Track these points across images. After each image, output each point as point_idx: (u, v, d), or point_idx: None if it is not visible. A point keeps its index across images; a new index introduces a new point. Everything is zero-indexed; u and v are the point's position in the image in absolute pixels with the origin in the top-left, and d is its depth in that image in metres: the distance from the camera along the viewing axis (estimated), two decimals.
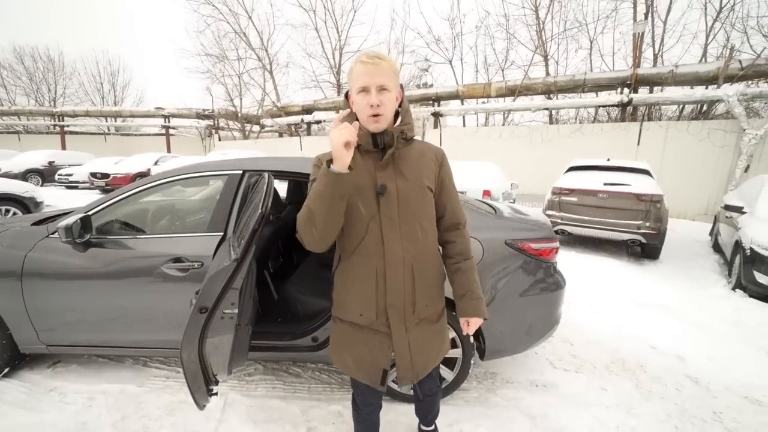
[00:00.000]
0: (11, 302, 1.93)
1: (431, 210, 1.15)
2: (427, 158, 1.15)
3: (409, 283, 1.11)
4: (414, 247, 1.10)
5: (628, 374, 2.36)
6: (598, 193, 5.35)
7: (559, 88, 10.62)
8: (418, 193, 1.10)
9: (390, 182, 1.07)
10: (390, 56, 1.08)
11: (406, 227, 1.09)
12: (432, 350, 1.21)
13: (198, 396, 1.36)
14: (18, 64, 24.94)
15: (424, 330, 1.17)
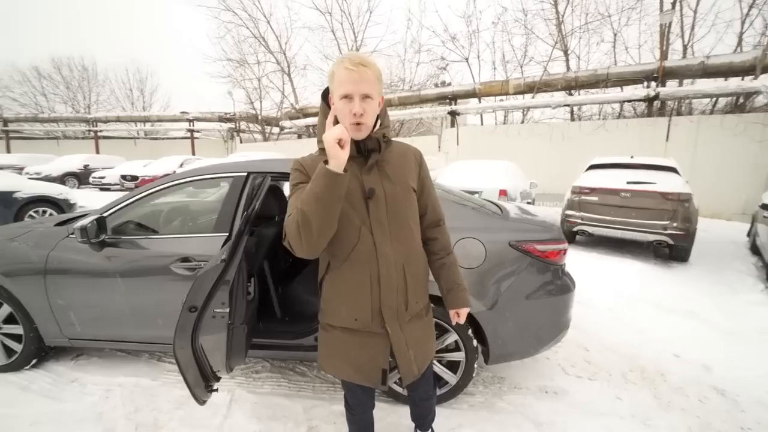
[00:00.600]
0: (37, 298, 2.05)
1: (416, 209, 1.18)
2: (408, 159, 1.17)
3: (402, 284, 1.12)
4: (404, 248, 1.12)
5: (647, 383, 2.24)
6: (620, 192, 5.14)
7: (581, 83, 10.27)
8: (404, 194, 1.12)
9: (377, 186, 1.08)
10: (373, 60, 1.04)
11: (395, 229, 1.10)
12: (427, 343, 1.24)
13: (197, 392, 1.39)
14: (56, 73, 26.54)
15: (416, 326, 1.19)
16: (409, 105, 13.77)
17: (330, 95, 1.09)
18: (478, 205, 2.17)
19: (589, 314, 3.25)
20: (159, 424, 1.80)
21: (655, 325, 3.04)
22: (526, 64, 13.32)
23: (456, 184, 6.51)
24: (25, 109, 25.17)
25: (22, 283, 2.04)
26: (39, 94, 26.55)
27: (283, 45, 17.79)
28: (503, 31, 13.64)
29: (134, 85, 27.84)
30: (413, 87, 15.86)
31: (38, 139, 22.31)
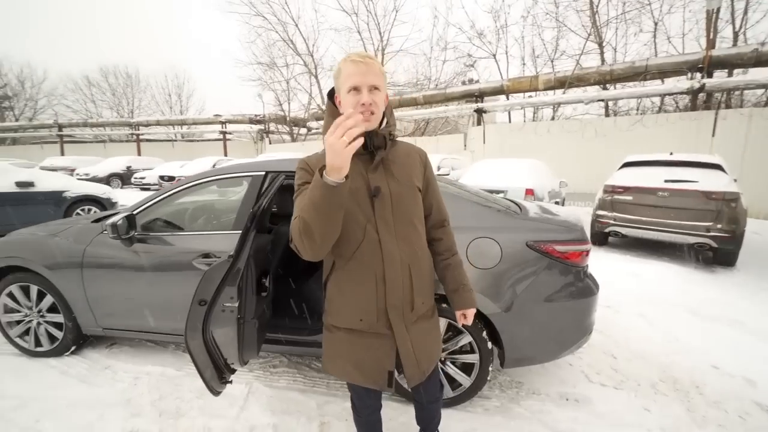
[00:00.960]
0: (75, 289, 2.21)
1: (421, 209, 1.17)
2: (413, 159, 1.17)
3: (407, 283, 1.10)
4: (409, 247, 1.11)
5: (680, 395, 2.09)
6: (657, 191, 4.83)
7: (616, 77, 9.73)
8: (410, 193, 1.12)
9: (383, 184, 1.07)
10: (374, 57, 1.06)
11: (400, 228, 1.09)
12: (433, 344, 1.22)
13: (212, 383, 1.44)
14: (104, 81, 28.58)
15: (421, 326, 1.17)
16: (434, 103, 13.63)
17: (336, 95, 1.09)
18: (495, 203, 2.11)
19: (618, 319, 3.08)
20: (181, 411, 1.89)
21: (692, 333, 2.83)
22: (557, 58, 12.83)
23: (480, 183, 6.37)
24: (76, 115, 27.33)
25: (63, 275, 2.20)
26: (89, 101, 28.77)
27: (311, 47, 18.16)
28: (533, 25, 13.18)
29: (172, 90, 29.51)
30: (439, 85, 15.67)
31: (87, 142, 24.10)
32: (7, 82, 28.42)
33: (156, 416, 1.85)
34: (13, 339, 2.37)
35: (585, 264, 1.90)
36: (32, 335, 2.35)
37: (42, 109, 28.75)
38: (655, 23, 11.72)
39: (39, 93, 29.06)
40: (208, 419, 1.83)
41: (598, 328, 2.90)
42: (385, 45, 16.62)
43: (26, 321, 2.35)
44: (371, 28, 16.78)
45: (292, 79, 19.00)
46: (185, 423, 1.81)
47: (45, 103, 28.92)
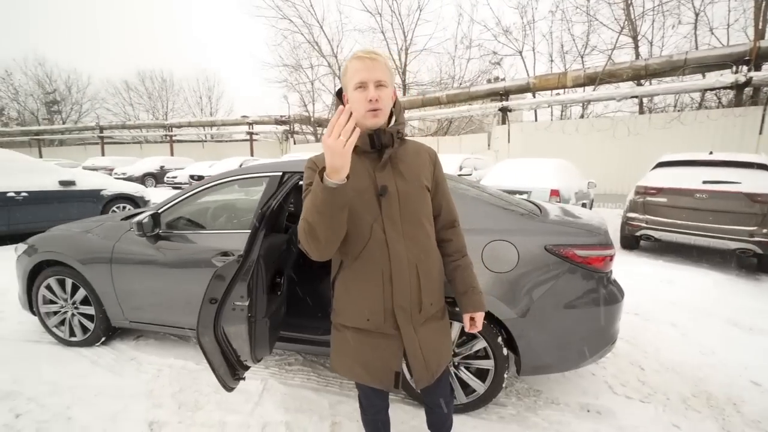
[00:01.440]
0: (105, 283, 2.33)
1: (429, 209, 1.15)
2: (422, 157, 1.15)
3: (415, 283, 1.09)
4: (417, 247, 1.09)
5: (714, 412, 1.95)
6: (694, 193, 4.53)
7: (652, 72, 9.21)
8: (418, 193, 1.10)
9: (390, 183, 1.05)
10: (383, 53, 1.05)
11: (408, 227, 1.08)
12: (442, 347, 1.19)
13: (225, 379, 1.48)
14: (141, 85, 30.15)
15: (430, 328, 1.15)
16: (458, 103, 13.44)
17: (344, 94, 1.09)
18: (514, 205, 2.04)
19: (648, 328, 2.91)
20: (198, 405, 1.95)
21: (731, 345, 2.64)
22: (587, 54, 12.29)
23: (503, 183, 6.22)
24: (116, 117, 28.99)
25: (94, 270, 2.33)
26: (127, 104, 30.46)
27: (335, 48, 18.37)
28: (562, 20, 12.70)
29: (203, 92, 30.71)
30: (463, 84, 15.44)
31: (126, 143, 25.51)
32: (57, 88, 30.58)
33: (176, 408, 1.92)
34: (51, 328, 2.53)
35: (609, 270, 1.80)
36: (67, 326, 2.50)
37: (86, 112, 30.75)
38: (696, 14, 10.97)
39: (83, 97, 31.11)
40: (224, 414, 1.87)
41: (625, 337, 2.76)
42: (409, 44, 16.56)
43: (62, 312, 2.51)
44: (395, 27, 16.79)
45: (316, 80, 19.31)
46: (202, 416, 1.86)
47: (88, 107, 30.92)
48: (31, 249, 2.50)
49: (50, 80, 30.17)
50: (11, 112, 30.32)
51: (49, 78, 30.12)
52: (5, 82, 29.17)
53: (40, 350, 2.48)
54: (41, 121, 29.27)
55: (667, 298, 3.53)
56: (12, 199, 5.33)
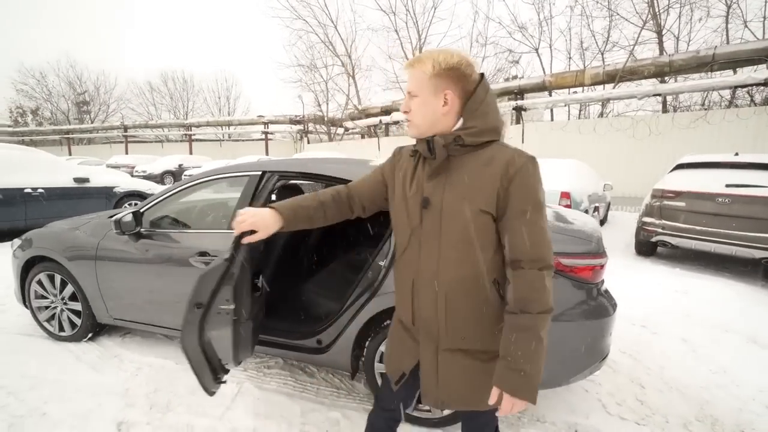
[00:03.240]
0: (90, 280, 2.35)
1: (486, 235, 0.94)
2: (492, 171, 0.91)
3: (442, 308, 0.99)
4: (450, 273, 0.97)
5: None
6: (716, 197, 4.24)
7: (677, 68, 8.73)
8: (466, 213, 0.93)
9: (436, 195, 0.96)
10: (430, 56, 0.96)
11: (446, 248, 0.96)
12: (467, 388, 1.02)
13: (206, 383, 1.43)
14: (163, 86, 31.14)
15: (460, 361, 1.01)
16: None
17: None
18: None
19: (654, 343, 2.72)
20: (170, 406, 1.92)
21: (746, 365, 2.42)
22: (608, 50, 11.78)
23: None
24: (140, 117, 30.04)
25: (80, 266, 2.35)
26: (150, 105, 31.56)
27: (349, 48, 18.38)
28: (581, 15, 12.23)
29: (222, 93, 31.41)
30: None
31: (148, 142, 26.38)
32: (86, 89, 31.99)
33: (147, 409, 1.90)
34: (42, 323, 2.57)
35: (598, 280, 1.66)
36: (56, 321, 2.54)
37: (113, 112, 32.01)
38: (728, 6, 10.32)
39: (111, 98, 32.40)
40: (193, 417, 1.84)
41: (629, 351, 2.58)
42: (423, 43, 16.37)
43: (52, 307, 2.55)
44: (409, 26, 16.64)
45: (330, 80, 19.40)
46: (172, 418, 1.83)
47: (115, 107, 32.18)
48: (25, 243, 2.56)
49: (80, 82, 31.61)
50: (45, 112, 31.94)
51: (79, 79, 31.55)
52: (40, 84, 30.75)
53: (31, 344, 2.53)
54: (72, 120, 30.67)
55: (681, 310, 3.30)
56: (29, 195, 5.54)
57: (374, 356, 1.80)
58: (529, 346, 0.89)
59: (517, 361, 0.89)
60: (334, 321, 1.88)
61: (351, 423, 1.81)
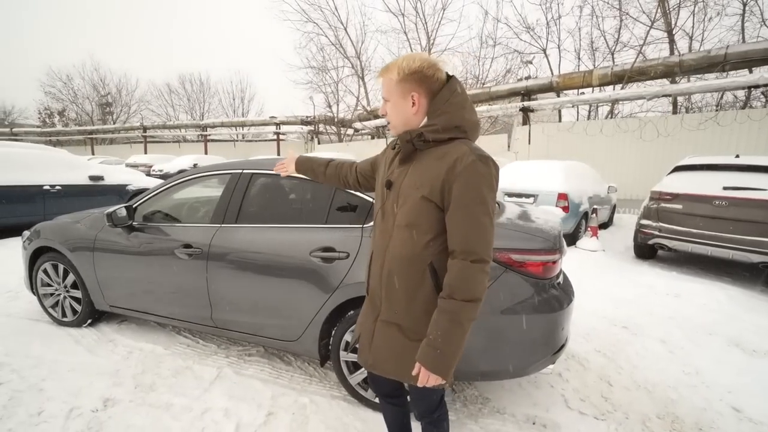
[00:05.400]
0: (88, 269, 2.53)
1: (430, 222, 1.03)
2: (442, 165, 0.99)
3: (384, 282, 1.11)
4: (395, 250, 1.08)
5: None
6: (713, 200, 4.19)
7: (687, 68, 8.52)
8: (416, 201, 1.03)
9: (398, 180, 1.09)
10: (396, 63, 1.07)
11: (399, 229, 1.07)
12: (393, 359, 1.11)
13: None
14: (181, 88, 32.06)
15: (390, 333, 1.11)
16: (478, 103, 13.15)
17: None
18: None
19: (632, 343, 2.73)
20: (154, 387, 2.07)
21: (723, 367, 2.42)
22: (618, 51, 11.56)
23: (509, 186, 6.04)
24: (159, 118, 30.99)
25: (80, 256, 2.54)
26: (168, 106, 32.51)
27: (359, 50, 18.57)
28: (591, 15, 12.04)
29: (236, 94, 32.11)
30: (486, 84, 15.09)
31: (166, 142, 27.18)
32: (109, 91, 33.22)
33: (132, 388, 2.05)
34: (47, 309, 2.78)
35: (550, 276, 1.72)
36: (60, 307, 2.74)
37: (134, 113, 33.13)
38: (744, 3, 9.99)
39: (132, 99, 33.56)
40: (172, 396, 1.98)
41: (603, 350, 2.61)
42: (432, 45, 16.41)
43: (56, 294, 2.75)
44: (418, 28, 16.70)
45: (340, 82, 19.63)
46: (153, 397, 1.98)
47: (136, 109, 33.32)
48: (34, 235, 2.77)
49: (104, 84, 32.83)
50: (71, 113, 33.30)
51: (102, 82, 32.78)
52: (66, 87, 32.10)
53: (37, 327, 2.74)
54: (95, 121, 31.90)
55: (666, 313, 3.29)
56: (48, 192, 5.88)
57: (339, 345, 1.90)
58: (448, 329, 0.97)
59: (436, 340, 0.97)
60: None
61: (317, 408, 1.92)
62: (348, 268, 1.81)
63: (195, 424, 1.80)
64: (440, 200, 1.00)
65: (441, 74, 1.06)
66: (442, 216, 1.02)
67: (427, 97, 1.05)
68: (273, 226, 2.07)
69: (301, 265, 1.91)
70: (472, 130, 1.08)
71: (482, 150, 1.02)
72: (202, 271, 2.14)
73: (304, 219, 2.10)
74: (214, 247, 2.12)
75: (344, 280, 1.81)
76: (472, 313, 0.98)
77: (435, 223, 1.03)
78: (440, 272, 1.04)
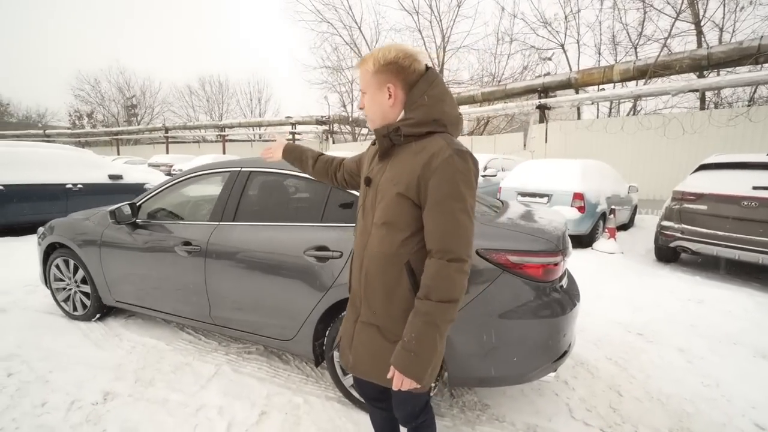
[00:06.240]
0: (96, 265, 2.60)
1: (406, 220, 0.99)
2: (418, 160, 0.95)
3: (363, 281, 1.07)
4: (374, 248, 1.04)
5: None
6: (741, 200, 3.93)
7: (716, 61, 8.05)
8: (392, 197, 0.99)
9: (377, 177, 1.06)
10: (374, 54, 1.02)
11: (376, 227, 1.04)
12: (371, 361, 1.07)
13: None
14: (201, 89, 32.91)
15: (371, 336, 1.07)
16: (494, 101, 12.91)
17: None
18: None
19: (647, 351, 2.59)
20: (153, 381, 2.10)
21: (745, 379, 2.25)
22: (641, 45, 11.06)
23: (523, 186, 5.88)
24: (179, 119, 31.91)
25: (88, 252, 2.61)
26: (189, 107, 33.41)
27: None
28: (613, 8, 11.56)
29: (254, 95, 32.69)
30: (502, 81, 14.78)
31: (187, 142, 27.97)
32: (134, 94, 34.48)
33: (132, 382, 2.08)
34: (59, 303, 2.87)
35: (550, 279, 1.63)
36: (71, 301, 2.83)
37: (157, 115, 34.25)
38: None
39: (155, 101, 34.71)
40: (170, 392, 2.00)
41: (615, 359, 2.48)
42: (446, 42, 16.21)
43: (67, 289, 2.83)
44: (433, 26, 16.53)
45: (354, 81, 19.64)
46: (151, 392, 2.00)
47: (159, 110, 34.44)
48: (48, 231, 2.86)
49: (129, 86, 34.09)
50: (98, 115, 34.74)
51: (127, 84, 34.04)
52: (94, 90, 33.53)
53: (49, 321, 2.83)
54: (121, 123, 33.17)
55: (687, 320, 3.10)
56: (70, 190, 6.12)
57: (333, 345, 1.86)
58: (423, 331, 0.92)
59: (410, 343, 0.93)
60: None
61: (310, 408, 1.89)
62: (341, 268, 1.77)
63: (189, 420, 1.80)
64: (416, 197, 0.96)
65: (418, 65, 1.01)
66: (418, 213, 0.98)
67: (404, 90, 1.01)
68: (269, 225, 2.06)
69: (296, 264, 1.88)
70: (453, 124, 1.03)
71: (461, 144, 0.98)
72: (201, 268, 2.15)
73: (300, 217, 2.07)
74: (212, 244, 2.12)
75: (337, 280, 1.78)
76: (449, 315, 0.93)
77: (412, 221, 0.99)
78: (417, 272, 1.00)
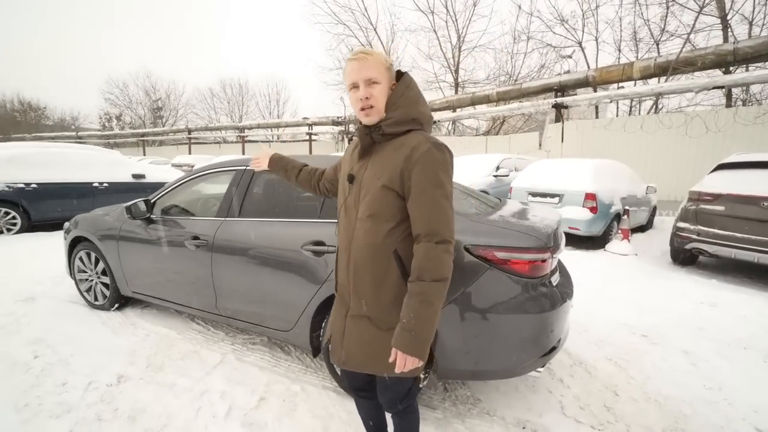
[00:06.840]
0: (114, 257, 2.78)
1: (391, 211, 1.06)
2: (399, 154, 1.04)
3: (351, 274, 1.12)
4: (360, 241, 1.09)
5: None
6: (761, 201, 3.79)
7: (743, 57, 7.70)
8: (377, 190, 1.06)
9: (360, 173, 1.11)
10: (377, 51, 1.09)
11: (361, 221, 1.09)
12: (365, 352, 1.12)
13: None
14: (222, 92, 33.88)
15: (362, 327, 1.12)
16: (509, 100, 12.74)
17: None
18: (466, 202, 1.97)
19: (650, 353, 2.55)
20: (162, 367, 2.23)
21: (752, 384, 2.19)
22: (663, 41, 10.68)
23: (534, 186, 5.82)
24: (201, 120, 32.96)
25: (107, 246, 2.79)
26: (210, 109, 34.46)
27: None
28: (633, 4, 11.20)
29: (272, 96, 33.42)
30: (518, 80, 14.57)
31: (208, 143, 28.88)
32: (160, 96, 35.88)
33: (144, 367, 2.23)
34: (82, 293, 3.08)
35: (538, 275, 1.65)
36: (92, 292, 3.02)
37: (181, 116, 35.51)
38: None
39: (179, 104, 36.00)
40: (177, 377, 2.13)
41: (615, 359, 2.46)
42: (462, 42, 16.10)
43: (89, 280, 3.03)
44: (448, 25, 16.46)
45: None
46: (160, 377, 2.14)
47: (183, 112, 35.70)
48: (72, 225, 3.07)
49: (155, 90, 35.52)
50: (126, 117, 36.32)
51: (153, 88, 35.49)
52: (123, 93, 35.10)
53: (74, 309, 3.04)
54: (148, 124, 34.58)
55: (696, 323, 3.02)
56: (96, 189, 6.48)
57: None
58: (420, 310, 0.99)
59: (409, 323, 0.99)
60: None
61: (307, 396, 1.98)
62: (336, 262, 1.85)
63: (193, 403, 1.92)
64: (400, 188, 1.04)
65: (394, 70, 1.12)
66: (402, 204, 1.06)
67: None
68: (271, 220, 2.16)
69: (294, 258, 1.97)
70: (427, 122, 1.13)
71: (437, 139, 1.06)
72: (208, 261, 2.27)
73: (300, 213, 2.16)
74: (218, 239, 2.24)
75: (332, 274, 1.85)
76: (441, 292, 1.01)
77: (397, 212, 1.06)
78: (405, 259, 1.07)
